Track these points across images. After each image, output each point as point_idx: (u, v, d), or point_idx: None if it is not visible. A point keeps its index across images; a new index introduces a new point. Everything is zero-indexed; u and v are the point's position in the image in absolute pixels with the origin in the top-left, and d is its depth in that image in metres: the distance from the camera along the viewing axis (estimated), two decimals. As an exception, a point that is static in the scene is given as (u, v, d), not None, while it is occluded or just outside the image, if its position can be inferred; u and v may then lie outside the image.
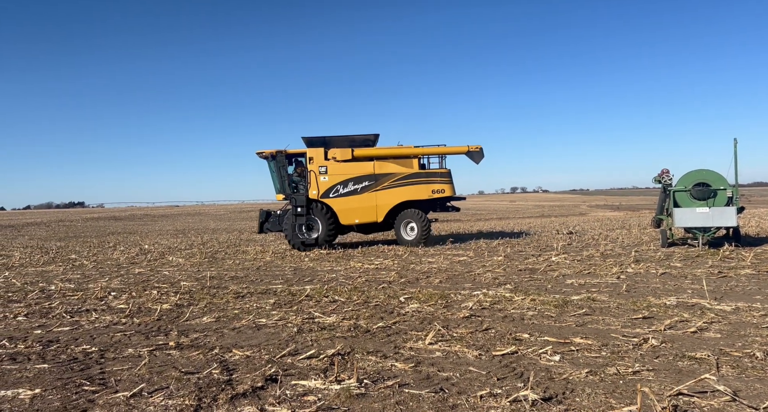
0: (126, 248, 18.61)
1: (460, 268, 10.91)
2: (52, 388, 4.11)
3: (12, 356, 5.04)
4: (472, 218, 44.69)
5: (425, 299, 7.49)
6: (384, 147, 17.14)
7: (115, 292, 8.71)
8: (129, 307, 7.30)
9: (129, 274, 11.19)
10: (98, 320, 6.56)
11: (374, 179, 16.41)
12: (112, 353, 5.12)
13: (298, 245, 15.63)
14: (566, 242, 16.51)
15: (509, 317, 6.30)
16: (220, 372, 4.43)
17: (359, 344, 5.22)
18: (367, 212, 16.37)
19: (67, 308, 7.37)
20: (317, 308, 7.07)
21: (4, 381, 4.31)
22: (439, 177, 16.95)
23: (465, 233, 22.87)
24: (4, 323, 6.56)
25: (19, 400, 3.88)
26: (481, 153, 17.34)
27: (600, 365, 4.43)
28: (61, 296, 8.41)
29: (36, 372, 4.52)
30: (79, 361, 4.85)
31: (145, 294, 8.45)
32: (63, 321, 6.56)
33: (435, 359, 4.72)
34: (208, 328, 6.11)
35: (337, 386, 4.02)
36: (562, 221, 36.20)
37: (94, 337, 5.77)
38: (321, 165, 16.05)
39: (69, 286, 9.52)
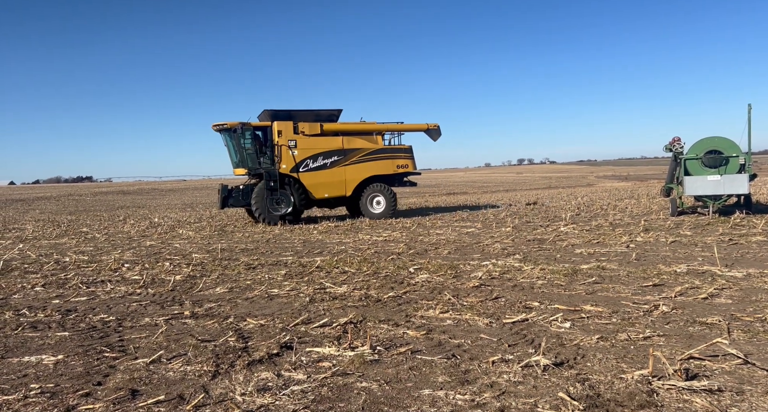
0: (136, 221, 18.79)
1: (469, 239, 10.93)
2: (74, 354, 4.22)
3: (33, 324, 5.16)
4: (479, 190, 44.56)
5: (435, 269, 7.54)
6: (350, 122, 17.16)
7: (128, 264, 8.84)
8: (143, 278, 7.41)
9: (141, 246, 11.33)
10: (114, 291, 6.68)
11: (343, 154, 16.50)
12: (130, 321, 5.22)
13: (271, 218, 15.33)
14: (575, 212, 16.46)
15: (519, 286, 6.34)
16: (236, 340, 4.52)
17: (371, 313, 5.29)
18: (336, 187, 16.48)
19: (83, 279, 7.50)
20: (328, 278, 7.15)
21: (28, 348, 4.43)
22: (403, 153, 17.51)
23: (472, 205, 22.85)
24: (22, 293, 6.70)
25: (43, 365, 3.99)
26: (439, 131, 18.14)
27: (610, 331, 4.46)
28: (76, 268, 8.55)
29: (57, 339, 4.64)
30: (98, 329, 4.96)
31: (157, 266, 8.57)
32: (79, 291, 6.68)
33: (446, 326, 4.78)
34: (222, 298, 6.21)
35: (351, 353, 4.09)
36: (569, 192, 36.03)
37: (111, 306, 5.88)
38: (290, 139, 15.74)
39: (83, 258, 9.66)
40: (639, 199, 22.21)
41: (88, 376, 3.77)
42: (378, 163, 16.96)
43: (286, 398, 3.31)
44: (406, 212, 20.27)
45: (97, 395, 3.44)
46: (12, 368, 3.97)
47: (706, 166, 13.02)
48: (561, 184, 54.50)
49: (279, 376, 3.69)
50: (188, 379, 3.70)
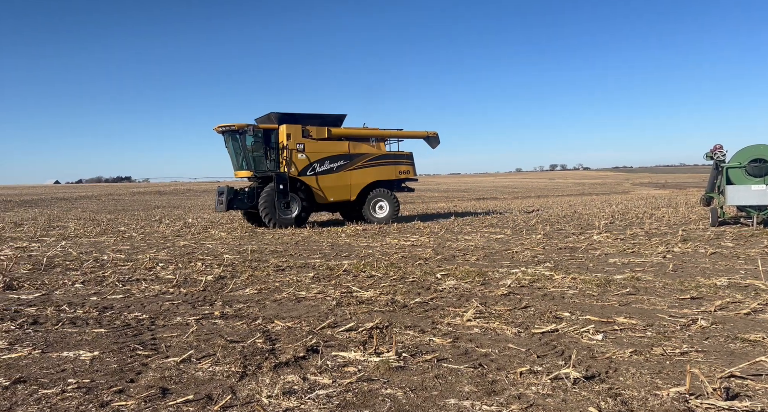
0: (171, 221, 19.32)
1: (498, 246, 10.78)
2: (109, 351, 4.36)
3: (72, 320, 5.36)
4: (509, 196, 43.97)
5: (462, 276, 7.46)
6: (355, 128, 17.24)
7: (162, 263, 9.08)
8: (176, 277, 7.60)
9: (175, 246, 11.63)
10: (148, 289, 6.87)
11: (349, 159, 16.58)
12: (162, 320, 5.36)
13: (279, 222, 15.30)
14: (609, 220, 16.02)
15: (549, 296, 6.21)
16: (264, 342, 4.57)
17: (397, 319, 5.27)
18: (341, 191, 16.55)
19: (119, 277, 7.75)
20: (355, 282, 7.16)
21: (67, 343, 4.60)
22: (404, 159, 17.77)
23: (501, 211, 22.55)
24: (63, 289, 6.97)
25: (80, 360, 4.14)
26: (437, 139, 18.47)
27: (645, 345, 4.31)
28: (113, 266, 8.84)
29: (94, 336, 4.80)
30: (132, 327, 5.11)
31: (190, 266, 8.78)
32: (116, 289, 6.91)
33: (473, 335, 4.72)
34: (251, 299, 6.30)
35: (376, 359, 4.08)
36: (603, 199, 35.14)
37: (145, 305, 6.05)
38: (299, 142, 15.75)
39: (120, 256, 9.99)
40: (677, 208, 21.45)
41: (121, 373, 3.88)
42: (381, 168, 17.17)
43: (312, 403, 3.33)
44: (434, 216, 20.16)
45: (130, 392, 3.54)
46: (51, 362, 4.13)
47: (750, 175, 12.51)
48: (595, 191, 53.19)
49: (305, 379, 3.71)
50: (216, 379, 3.76)
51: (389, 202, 17.01)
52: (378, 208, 16.89)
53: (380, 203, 16.92)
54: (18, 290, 6.93)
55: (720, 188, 13.16)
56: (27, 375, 3.83)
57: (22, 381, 3.72)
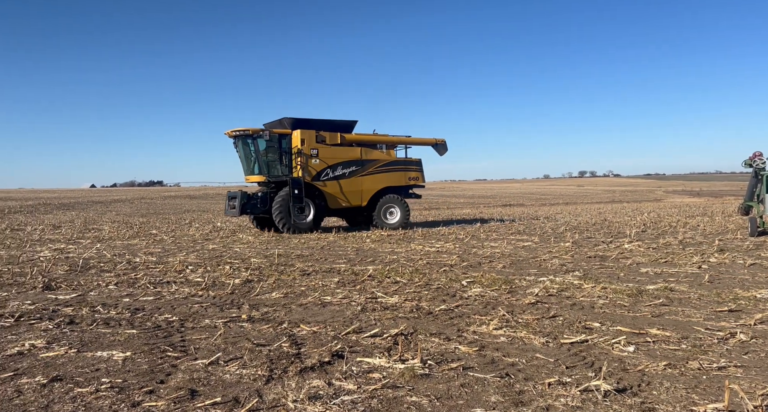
0: (200, 225, 19.74)
1: (525, 253, 10.62)
2: (141, 352, 4.46)
3: (105, 320, 5.52)
4: (536, 202, 43.33)
5: (488, 283, 7.37)
6: (366, 134, 17.23)
7: (191, 266, 9.28)
8: (204, 280, 7.75)
9: (204, 249, 11.87)
10: (178, 292, 7.02)
11: (361, 165, 16.58)
12: (191, 322, 5.46)
13: (293, 227, 15.22)
14: (640, 228, 15.61)
15: (578, 305, 6.07)
16: (290, 346, 4.61)
17: (422, 326, 5.24)
18: (353, 196, 16.54)
19: (151, 279, 7.94)
20: (380, 288, 7.16)
21: (100, 343, 4.74)
22: (414, 166, 17.73)
23: (528, 218, 22.24)
24: (98, 290, 7.19)
25: (113, 361, 4.25)
26: (445, 146, 18.42)
27: (680, 359, 4.17)
28: (145, 268, 9.07)
29: (126, 337, 4.93)
30: (163, 328, 5.23)
31: (218, 269, 8.93)
32: (147, 291, 7.08)
33: (499, 344, 4.65)
34: (277, 303, 6.37)
35: (401, 365, 4.06)
36: (634, 206, 34.25)
37: (175, 307, 6.18)
38: (313, 148, 15.74)
39: (151, 259, 10.25)
40: (713, 216, 20.74)
41: (152, 374, 3.97)
42: (392, 174, 17.20)
43: (337, 408, 3.33)
44: (459, 222, 20.01)
45: (160, 392, 3.62)
46: (86, 361, 4.25)
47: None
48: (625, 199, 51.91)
49: (330, 385, 3.72)
50: (243, 382, 3.81)
51: (400, 208, 17.04)
52: (389, 214, 16.93)
53: (391, 209, 16.96)
54: (56, 290, 7.18)
55: (759, 197, 12.67)
56: (63, 374, 3.96)
57: (59, 379, 3.84)
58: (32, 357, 4.33)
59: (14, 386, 3.74)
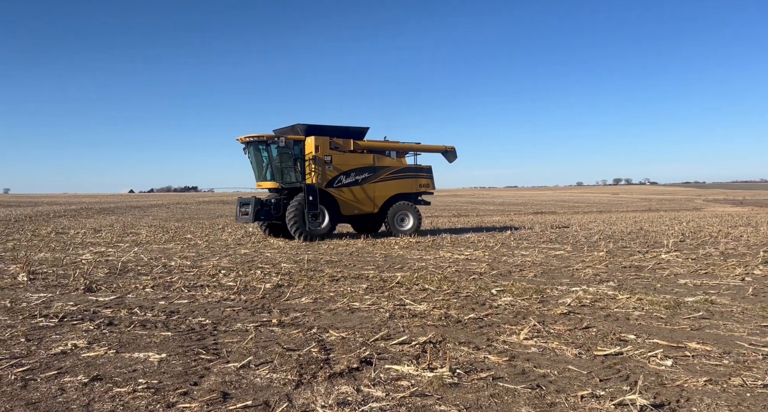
0: (233, 230, 20.15)
1: (557, 262, 10.42)
2: (175, 354, 4.59)
3: (142, 322, 5.70)
4: (569, 210, 42.43)
5: (519, 292, 7.26)
6: (378, 140, 17.16)
7: (224, 270, 9.48)
8: (237, 285, 7.91)
9: (236, 254, 12.12)
10: (211, 295, 7.19)
11: (373, 171, 16.52)
12: (223, 326, 5.58)
13: (308, 234, 15.10)
14: (678, 238, 15.08)
15: (612, 316, 5.91)
16: (319, 351, 4.65)
17: (450, 334, 5.21)
18: (366, 203, 16.47)
19: (185, 282, 8.16)
20: (408, 295, 7.15)
21: (138, 344, 4.90)
22: (424, 173, 17.67)
23: (560, 226, 21.79)
24: (135, 293, 7.43)
25: (149, 362, 4.38)
26: (455, 153, 18.46)
27: (721, 374, 4.00)
28: (180, 272, 9.33)
29: (162, 339, 5.08)
30: (196, 331, 5.36)
31: (250, 273, 9.10)
32: (182, 294, 7.28)
33: (530, 354, 4.57)
34: (306, 308, 6.44)
35: (429, 374, 4.04)
36: (673, 216, 33.12)
37: (208, 310, 6.33)
38: (326, 154, 15.68)
39: (186, 263, 10.53)
40: (757, 227, 19.86)
41: (186, 375, 4.07)
42: (403, 181, 17.19)
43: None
44: (489, 229, 19.77)
45: (194, 394, 3.71)
46: (124, 362, 4.40)
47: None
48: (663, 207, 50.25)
49: (358, 391, 3.74)
50: (273, 386, 3.86)
51: (413, 214, 17.05)
52: (402, 220, 16.94)
53: (404, 216, 16.97)
54: (96, 292, 7.47)
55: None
56: (103, 373, 4.11)
57: (99, 379, 3.99)
58: (74, 357, 4.51)
59: (58, 384, 3.90)
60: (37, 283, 8.15)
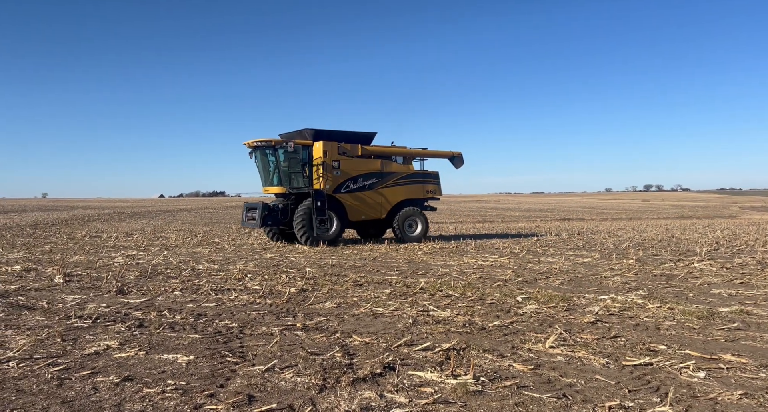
0: (259, 234, 20.43)
1: (584, 270, 10.22)
2: (203, 356, 4.68)
3: (171, 325, 5.84)
4: (597, 217, 41.55)
5: (545, 300, 7.15)
6: (385, 145, 16.99)
7: (250, 274, 9.63)
8: (262, 288, 8.02)
9: (262, 258, 12.29)
10: (237, 299, 7.31)
11: (381, 177, 16.39)
12: (249, 329, 5.67)
13: (315, 240, 14.91)
14: (712, 246, 14.60)
15: (642, 326, 5.76)
16: (342, 356, 4.68)
17: (475, 341, 5.16)
18: (373, 209, 16.33)
19: (212, 286, 8.32)
20: (431, 301, 7.12)
21: (166, 346, 5.02)
22: (432, 178, 17.51)
23: (588, 233, 21.36)
24: (164, 295, 7.62)
25: (178, 364, 4.49)
26: (461, 159, 18.25)
27: (758, 388, 3.85)
28: (208, 275, 9.52)
29: (189, 341, 5.19)
30: (223, 334, 5.46)
31: (275, 277, 9.22)
32: (209, 298, 7.42)
33: (556, 363, 4.50)
34: (330, 313, 6.49)
35: (453, 381, 4.02)
36: (706, 223, 32.08)
37: (234, 314, 6.44)
38: (335, 159, 15.53)
39: (213, 266, 10.74)
40: (797, 233, 19.05)
41: (212, 378, 4.15)
42: (411, 187, 17.05)
43: (388, 420, 3.34)
44: (514, 236, 19.53)
45: (220, 397, 3.78)
46: (154, 363, 4.52)
47: None
48: (696, 215, 48.72)
49: (381, 397, 3.74)
50: (298, 390, 3.90)
51: (420, 220, 16.94)
52: (409, 226, 16.81)
53: (412, 222, 16.85)
54: (127, 294, 7.69)
55: None
56: (134, 374, 4.23)
57: (130, 379, 4.11)
58: (107, 357, 4.65)
59: (91, 383, 4.03)
60: (72, 285, 8.44)
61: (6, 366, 4.38)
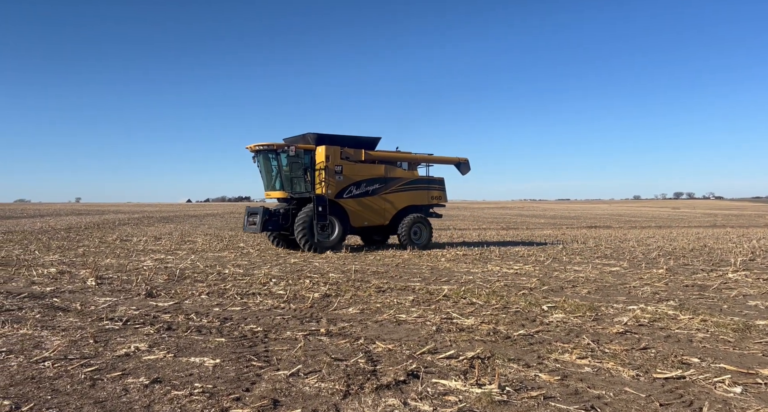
0: (282, 240, 20.64)
1: (612, 279, 9.99)
2: (228, 360, 4.75)
3: (198, 328, 5.94)
4: (625, 225, 40.61)
5: (571, 309, 7.02)
6: (389, 151, 16.77)
7: (275, 279, 9.74)
8: (286, 293, 8.10)
9: (286, 263, 12.41)
10: (262, 303, 7.40)
11: (384, 182, 16.15)
12: (274, 334, 5.73)
13: (316, 246, 14.70)
14: (747, 256, 14.09)
15: (673, 338, 5.60)
16: (366, 362, 4.68)
17: (499, 350, 5.10)
18: (376, 215, 16.10)
19: (238, 290, 8.44)
20: (455, 308, 7.07)
21: (193, 349, 5.11)
22: (436, 185, 17.23)
23: (616, 241, 20.88)
24: (192, 299, 7.77)
25: (204, 367, 4.56)
26: (468, 165, 17.97)
27: (798, 407, 3.69)
28: (233, 280, 9.66)
29: (216, 344, 5.27)
30: (248, 338, 5.53)
31: (299, 282, 9.30)
32: (235, 302, 7.53)
33: (584, 374, 4.40)
34: (354, 319, 6.50)
35: (477, 390, 3.98)
36: (741, 232, 31.01)
37: (259, 318, 6.52)
38: (337, 164, 15.30)
39: (239, 271, 10.89)
40: (839, 243, 18.24)
41: (238, 381, 4.21)
42: (415, 193, 16.82)
43: (412, 429, 3.32)
44: (539, 243, 19.24)
45: (246, 400, 3.82)
46: (182, 366, 4.60)
47: None
48: (729, 223, 47.12)
49: (405, 404, 3.73)
50: (322, 396, 3.92)
51: (424, 227, 16.73)
52: (414, 233, 16.59)
53: (416, 228, 16.60)
54: (156, 297, 7.86)
55: None
56: (162, 376, 4.32)
57: (159, 381, 4.19)
58: (136, 359, 4.76)
59: (122, 384, 4.13)
60: (103, 287, 8.68)
61: (42, 366, 4.53)
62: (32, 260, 12.49)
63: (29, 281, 9.20)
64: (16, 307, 6.98)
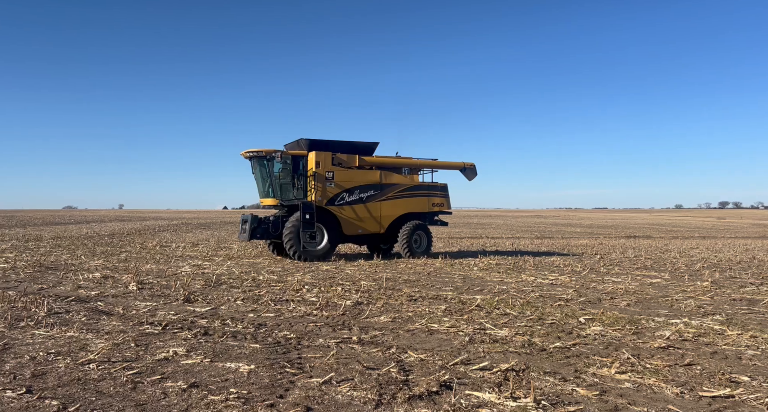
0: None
1: (653, 291, 9.64)
2: (263, 366, 4.82)
3: (233, 334, 6.06)
4: (667, 235, 39.16)
5: (610, 322, 6.80)
6: (388, 156, 16.26)
7: (307, 286, 9.84)
8: (319, 300, 8.17)
9: (318, 270, 12.54)
10: (295, 310, 7.49)
11: (380, 189, 15.66)
12: (306, 341, 5.78)
13: (303, 254, 14.36)
14: (801, 268, 13.33)
15: (720, 354, 5.34)
16: (398, 371, 4.66)
17: (534, 363, 4.99)
18: (371, 223, 15.59)
19: (272, 296, 8.57)
20: (488, 319, 6.97)
21: (229, 355, 5.21)
22: (438, 191, 16.64)
23: (657, 251, 20.14)
24: (227, 305, 7.94)
25: (240, 372, 4.64)
26: (474, 170, 17.34)
27: None
28: (267, 286, 9.82)
29: (251, 350, 5.36)
30: (282, 345, 5.60)
31: (331, 290, 9.37)
32: (269, 308, 7.65)
33: (624, 390, 4.25)
34: (385, 327, 6.49)
35: (512, 403, 3.90)
36: (793, 241, 29.36)
37: (292, 325, 6.59)
38: (328, 170, 14.87)
39: (272, 277, 11.07)
40: None
41: (272, 388, 4.26)
42: (414, 200, 16.27)
43: (445, 441, 3.28)
44: (576, 253, 18.76)
45: (279, 407, 3.87)
46: (218, 371, 4.70)
47: None
48: (780, 232, 44.71)
49: (438, 416, 3.68)
50: (354, 404, 3.92)
51: (423, 235, 16.15)
52: (415, 241, 16.06)
53: (415, 236, 16.03)
54: (193, 303, 8.07)
55: None
56: (199, 381, 4.42)
57: (196, 386, 4.29)
58: (175, 363, 4.90)
59: (161, 388, 4.25)
60: (144, 292, 8.98)
61: (87, 368, 4.71)
62: (78, 264, 13.06)
63: (76, 285, 9.61)
64: (64, 310, 7.30)
